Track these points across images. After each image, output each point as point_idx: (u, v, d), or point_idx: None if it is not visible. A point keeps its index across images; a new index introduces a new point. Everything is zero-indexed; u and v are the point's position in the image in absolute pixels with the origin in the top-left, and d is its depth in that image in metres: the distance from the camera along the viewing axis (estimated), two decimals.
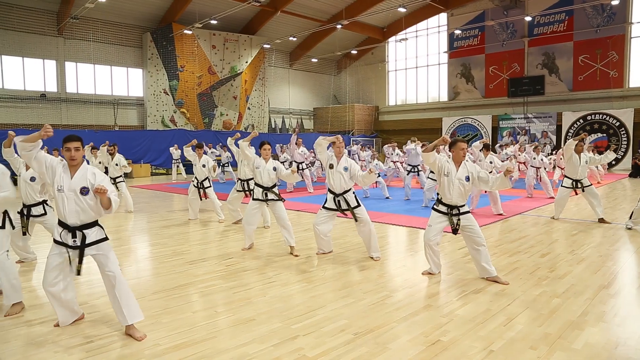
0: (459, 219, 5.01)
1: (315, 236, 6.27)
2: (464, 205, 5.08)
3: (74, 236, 3.67)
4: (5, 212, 4.43)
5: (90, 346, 3.50)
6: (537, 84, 25.60)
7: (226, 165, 18.46)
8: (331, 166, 6.01)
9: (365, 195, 12.73)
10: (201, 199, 9.25)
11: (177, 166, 20.28)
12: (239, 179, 8.52)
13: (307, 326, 3.83)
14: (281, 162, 9.43)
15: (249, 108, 28.63)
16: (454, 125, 28.62)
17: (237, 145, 7.66)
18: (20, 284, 4.29)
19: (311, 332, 3.71)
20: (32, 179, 5.66)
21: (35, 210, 5.74)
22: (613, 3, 21.29)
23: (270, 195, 6.48)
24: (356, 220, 5.95)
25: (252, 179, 7.86)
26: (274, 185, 6.54)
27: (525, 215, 9.51)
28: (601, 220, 8.49)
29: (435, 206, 5.24)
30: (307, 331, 3.73)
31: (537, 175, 12.29)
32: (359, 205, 5.97)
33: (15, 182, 4.79)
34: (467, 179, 5.00)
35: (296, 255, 6.23)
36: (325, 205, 6.11)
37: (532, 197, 12.04)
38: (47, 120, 21.82)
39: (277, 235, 7.54)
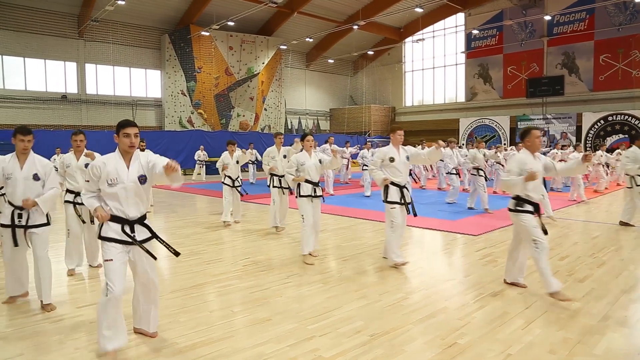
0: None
1: (395, 241, 5.67)
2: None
3: (132, 230, 3.41)
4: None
5: None
6: (556, 84, 25.23)
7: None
8: (392, 159, 5.76)
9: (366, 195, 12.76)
10: (241, 196, 8.98)
11: (201, 167, 20.36)
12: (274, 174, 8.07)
13: (323, 327, 3.84)
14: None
15: (265, 109, 28.77)
16: (471, 126, 28.37)
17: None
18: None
19: (327, 333, 3.71)
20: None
21: None
22: (637, 0, 20.87)
23: (318, 192, 6.14)
24: (413, 214, 5.68)
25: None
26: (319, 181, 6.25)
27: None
28: (623, 223, 8.33)
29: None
30: (323, 332, 3.74)
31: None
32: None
33: None
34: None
35: (315, 257, 6.15)
36: (391, 199, 5.67)
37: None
38: (67, 121, 22.23)
39: (294, 236, 7.56)
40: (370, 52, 31.01)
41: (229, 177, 8.78)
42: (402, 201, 5.68)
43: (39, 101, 21.77)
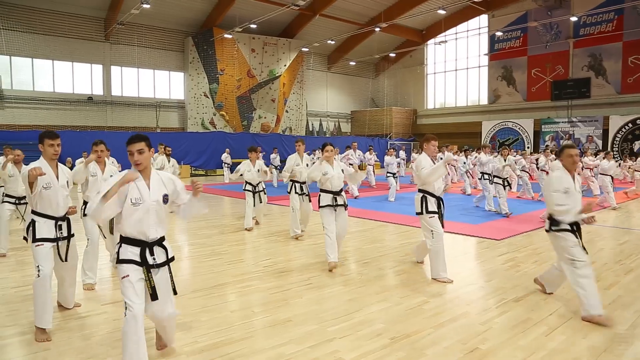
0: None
1: (443, 253, 5.45)
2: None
3: (152, 253, 3.14)
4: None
5: None
6: (582, 86, 24.75)
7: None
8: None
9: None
10: (261, 201, 8.72)
11: (228, 169, 20.44)
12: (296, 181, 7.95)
13: (343, 329, 3.84)
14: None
15: (287, 111, 28.91)
16: (494, 129, 28.01)
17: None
18: None
19: (347, 335, 3.71)
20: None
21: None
22: None
23: (340, 200, 5.84)
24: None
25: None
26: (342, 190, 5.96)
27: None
28: None
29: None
30: (343, 334, 3.74)
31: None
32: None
33: None
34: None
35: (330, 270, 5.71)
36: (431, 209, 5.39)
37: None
38: (93, 122, 22.71)
39: (314, 238, 7.57)
40: (392, 55, 30.89)
41: (250, 183, 8.54)
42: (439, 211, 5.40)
43: (66, 102, 22.29)
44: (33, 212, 3.92)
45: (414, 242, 7.43)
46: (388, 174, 13.38)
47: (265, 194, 8.80)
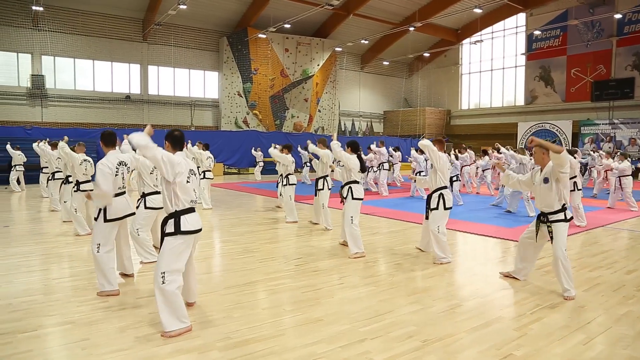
0: None
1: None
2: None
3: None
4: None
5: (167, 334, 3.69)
6: (625, 86, 23.84)
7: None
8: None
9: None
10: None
11: (261, 167, 20.64)
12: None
13: (375, 330, 3.82)
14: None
15: (319, 110, 28.97)
16: (530, 131, 27.32)
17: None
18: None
19: (379, 336, 3.70)
20: None
21: None
22: None
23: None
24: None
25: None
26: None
27: (607, 228, 8.89)
28: None
29: None
30: (374, 335, 3.73)
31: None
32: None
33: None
34: None
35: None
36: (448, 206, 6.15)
37: (613, 209, 11.21)
38: (130, 120, 23.33)
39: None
40: (426, 54, 30.52)
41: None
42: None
43: (105, 101, 22.99)
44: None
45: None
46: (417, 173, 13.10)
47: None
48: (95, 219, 4.70)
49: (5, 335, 3.64)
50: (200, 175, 10.98)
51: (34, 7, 18.99)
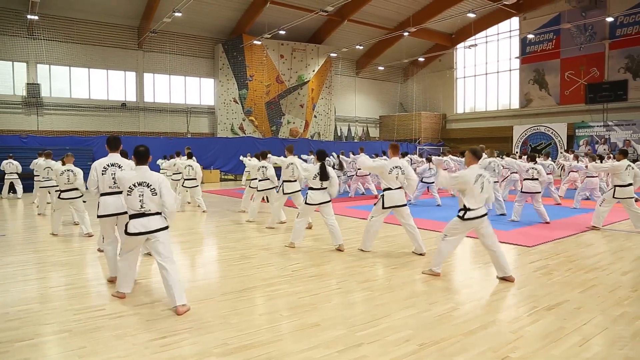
0: None
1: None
2: None
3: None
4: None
5: (164, 342, 3.70)
6: (619, 89, 24.01)
7: None
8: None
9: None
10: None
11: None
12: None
13: (371, 334, 3.83)
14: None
15: (315, 116, 29.03)
16: (525, 134, 27.44)
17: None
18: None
19: (376, 341, 3.71)
20: None
21: None
22: None
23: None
24: None
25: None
26: None
27: (604, 229, 8.93)
28: None
29: None
30: (371, 339, 3.73)
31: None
32: None
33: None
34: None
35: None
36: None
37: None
38: (126, 127, 23.32)
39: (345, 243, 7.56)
40: (421, 59, 30.65)
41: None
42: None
43: (101, 109, 22.97)
44: None
45: None
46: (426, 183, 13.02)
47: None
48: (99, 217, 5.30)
49: (2, 344, 3.63)
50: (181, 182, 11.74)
51: (29, 16, 19.01)
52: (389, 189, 6.58)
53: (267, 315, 4.35)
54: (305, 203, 7.09)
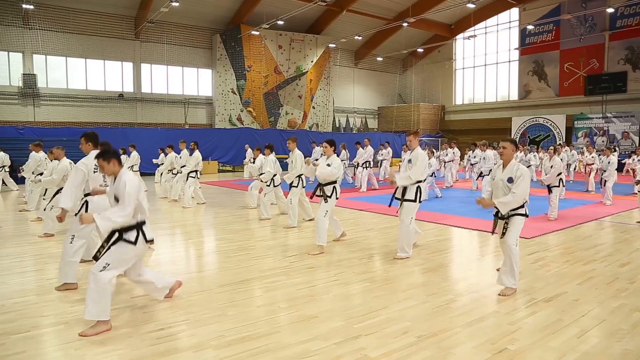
0: None
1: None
2: None
3: None
4: None
5: (161, 333, 3.69)
6: (618, 80, 23.94)
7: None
8: None
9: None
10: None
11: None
12: None
13: (369, 326, 3.82)
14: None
15: (313, 107, 28.92)
16: (524, 126, 27.40)
17: None
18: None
19: (373, 333, 3.70)
20: None
21: None
22: None
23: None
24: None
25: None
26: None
27: (602, 221, 8.94)
28: None
29: None
30: (369, 331, 3.72)
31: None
32: None
33: None
34: None
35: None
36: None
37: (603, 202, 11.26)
38: (123, 118, 23.22)
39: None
40: (420, 50, 30.50)
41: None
42: None
43: (98, 99, 22.84)
44: None
45: (439, 239, 7.36)
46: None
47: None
48: (76, 214, 4.83)
49: None
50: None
51: (24, 5, 18.82)
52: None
53: (264, 307, 4.34)
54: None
